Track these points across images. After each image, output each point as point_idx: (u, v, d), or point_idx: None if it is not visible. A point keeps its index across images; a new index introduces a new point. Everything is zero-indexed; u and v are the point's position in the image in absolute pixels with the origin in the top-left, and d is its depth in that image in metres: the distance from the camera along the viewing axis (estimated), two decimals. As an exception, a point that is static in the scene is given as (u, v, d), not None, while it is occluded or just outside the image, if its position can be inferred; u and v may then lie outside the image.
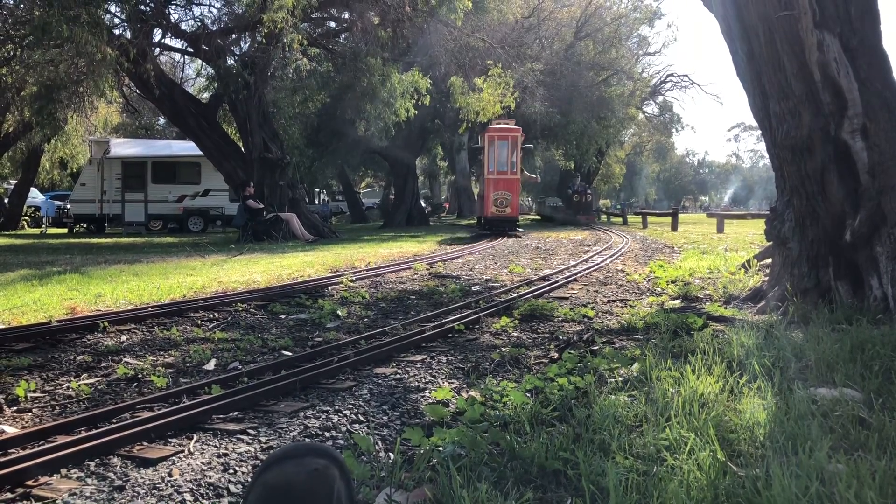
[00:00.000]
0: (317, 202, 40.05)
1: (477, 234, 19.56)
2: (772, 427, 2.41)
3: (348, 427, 2.92)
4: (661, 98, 46.45)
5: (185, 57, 20.71)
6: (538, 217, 41.29)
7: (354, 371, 3.88)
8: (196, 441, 2.75)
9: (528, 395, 3.12)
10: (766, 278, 5.87)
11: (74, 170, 26.65)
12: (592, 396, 2.96)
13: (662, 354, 3.66)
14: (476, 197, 35.32)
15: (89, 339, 4.77)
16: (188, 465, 2.49)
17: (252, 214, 16.77)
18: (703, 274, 7.93)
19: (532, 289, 7.16)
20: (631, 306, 5.99)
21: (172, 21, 17.36)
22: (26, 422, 3.08)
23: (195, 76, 27.26)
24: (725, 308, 5.42)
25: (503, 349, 4.35)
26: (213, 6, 19.02)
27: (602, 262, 10.32)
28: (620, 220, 31.97)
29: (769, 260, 6.22)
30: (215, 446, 2.70)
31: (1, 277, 8.26)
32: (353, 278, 8.06)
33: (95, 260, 10.98)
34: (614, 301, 6.42)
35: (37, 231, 25.92)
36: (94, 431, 2.78)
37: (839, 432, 2.36)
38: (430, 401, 3.27)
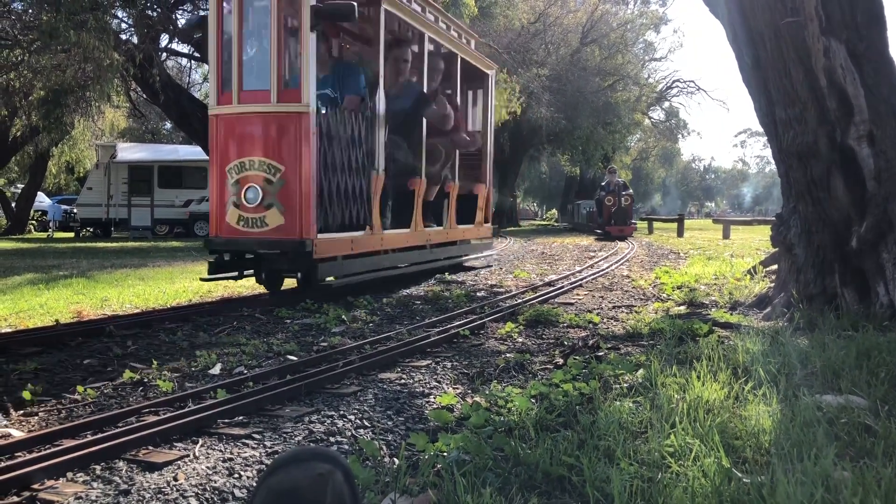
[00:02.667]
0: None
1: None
2: (777, 434, 2.40)
3: (353, 432, 2.92)
4: (667, 104, 46.50)
5: (192, 62, 20.83)
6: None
7: (359, 376, 3.88)
8: (201, 445, 2.76)
9: (533, 400, 3.12)
10: (772, 284, 5.86)
11: (81, 174, 26.80)
12: (597, 402, 2.96)
13: (668, 361, 3.66)
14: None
15: (96, 343, 4.79)
16: (193, 469, 2.50)
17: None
18: (709, 280, 7.92)
19: (537, 294, 7.16)
20: (636, 312, 5.98)
21: (179, 26, 17.44)
22: (32, 425, 3.09)
23: (202, 81, 27.41)
24: (731, 314, 5.41)
25: (508, 355, 4.35)
26: (221, 12, 19.10)
27: (608, 267, 10.32)
28: (626, 225, 31.65)
29: (775, 266, 6.21)
30: (220, 451, 2.70)
31: (8, 281, 8.30)
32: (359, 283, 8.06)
33: (102, 264, 11.02)
34: (620, 307, 6.42)
35: (43, 235, 26.04)
36: (100, 435, 2.78)
37: (845, 439, 2.36)
38: (435, 406, 3.27)
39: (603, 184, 23.12)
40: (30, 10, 14.68)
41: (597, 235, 21.55)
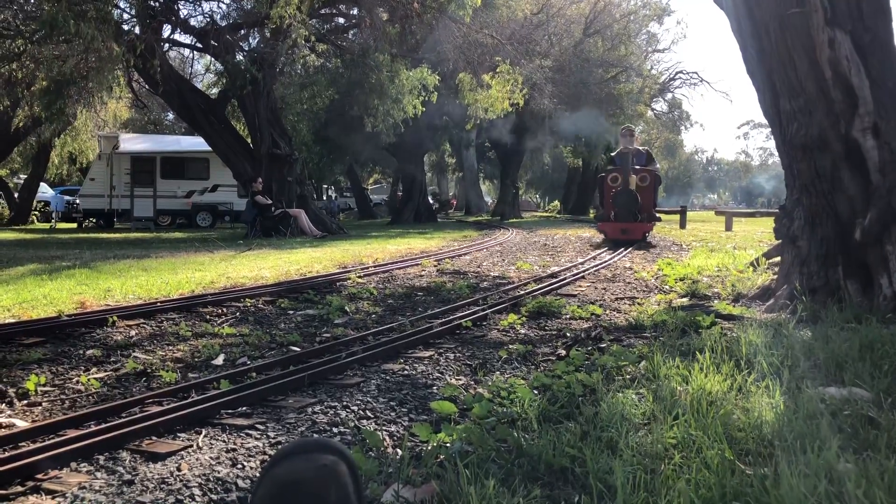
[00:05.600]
0: (324, 198, 40.13)
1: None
2: (780, 426, 2.40)
3: (356, 423, 2.93)
4: (670, 95, 46.31)
5: (194, 53, 20.79)
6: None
7: (362, 367, 3.88)
8: (205, 436, 2.77)
9: (536, 392, 3.12)
10: (775, 277, 5.85)
11: (84, 165, 26.79)
12: (600, 394, 2.96)
13: (670, 352, 3.65)
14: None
15: (99, 333, 4.79)
16: (197, 459, 2.50)
17: (260, 210, 16.81)
18: (712, 272, 7.90)
19: (540, 286, 7.15)
20: (639, 304, 5.98)
21: (181, 17, 17.40)
22: (36, 416, 3.10)
23: (204, 72, 27.39)
24: (734, 306, 5.40)
25: (511, 346, 4.35)
26: (223, 2, 19.09)
27: (610, 259, 10.30)
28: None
29: (778, 258, 6.19)
30: (224, 441, 2.71)
31: (11, 272, 8.30)
32: (362, 274, 8.07)
33: (105, 255, 11.02)
34: (622, 299, 6.41)
35: (46, 226, 26.06)
36: (104, 426, 2.79)
37: (848, 432, 2.36)
38: (438, 397, 3.27)
39: (612, 154, 14.68)
40: (31, 0, 14.65)
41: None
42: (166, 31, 17.21)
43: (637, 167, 13.06)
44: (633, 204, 12.52)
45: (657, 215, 14.01)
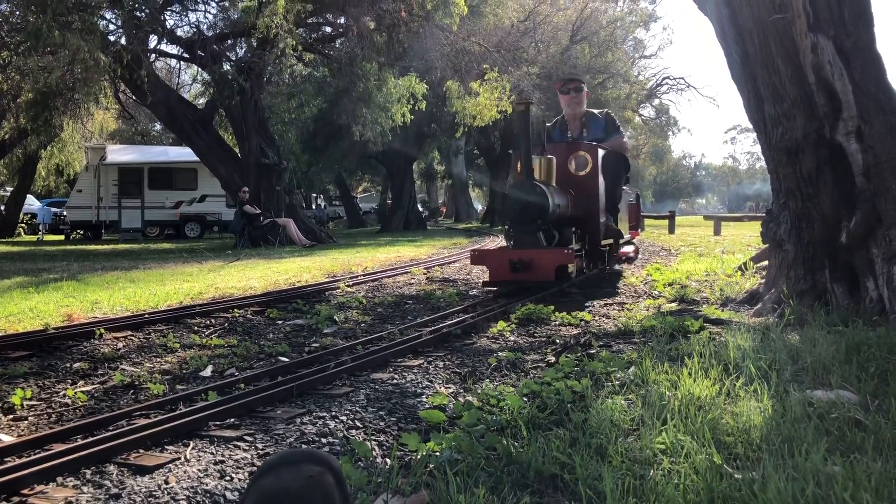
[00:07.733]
0: (313, 207, 40.07)
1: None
2: (768, 429, 2.41)
3: (345, 433, 2.92)
4: (657, 101, 46.68)
5: (181, 63, 20.77)
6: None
7: (351, 376, 3.87)
8: (193, 448, 2.75)
9: (525, 399, 3.12)
10: (763, 281, 5.88)
11: (71, 176, 26.69)
12: (589, 400, 2.96)
13: (659, 357, 3.66)
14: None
15: (86, 346, 4.76)
16: (185, 472, 2.49)
17: (249, 220, 16.78)
18: (700, 276, 7.93)
19: (529, 292, 7.14)
20: (628, 310, 5.99)
21: (168, 27, 17.38)
22: (22, 430, 3.07)
23: (191, 82, 27.38)
24: (722, 311, 5.42)
25: (500, 353, 4.35)
26: (209, 12, 19.11)
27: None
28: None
29: (765, 262, 6.23)
30: (212, 453, 2.69)
31: (-3, 285, 8.24)
32: (351, 283, 8.05)
33: (92, 267, 10.96)
34: (611, 304, 6.42)
35: (33, 238, 25.92)
36: (91, 439, 2.77)
37: (835, 434, 2.37)
38: (427, 406, 3.26)
39: (548, 125, 8.46)
40: (16, 12, 14.60)
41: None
42: (153, 41, 17.24)
43: (577, 144, 7.58)
44: (535, 213, 6.51)
45: (619, 229, 8.08)
